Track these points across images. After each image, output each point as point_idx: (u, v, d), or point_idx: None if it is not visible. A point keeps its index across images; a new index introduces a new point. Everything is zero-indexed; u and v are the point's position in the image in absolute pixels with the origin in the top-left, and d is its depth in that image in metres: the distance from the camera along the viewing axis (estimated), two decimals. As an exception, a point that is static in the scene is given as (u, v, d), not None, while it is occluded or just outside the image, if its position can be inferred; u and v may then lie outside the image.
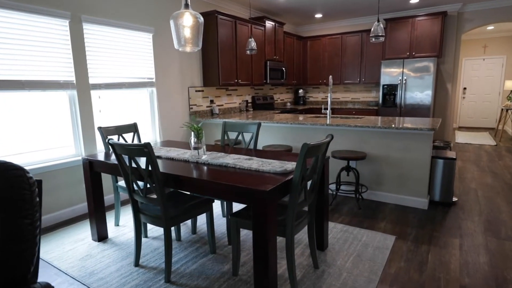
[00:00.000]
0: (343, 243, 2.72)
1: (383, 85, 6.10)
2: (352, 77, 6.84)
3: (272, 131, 4.37)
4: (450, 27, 6.05)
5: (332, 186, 4.03)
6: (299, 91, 7.65)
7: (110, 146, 2.28)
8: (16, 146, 3.07)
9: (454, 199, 3.66)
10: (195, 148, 2.56)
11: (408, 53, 6.09)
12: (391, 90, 6.04)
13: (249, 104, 6.23)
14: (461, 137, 7.92)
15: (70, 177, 3.45)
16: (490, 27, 8.18)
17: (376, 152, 3.67)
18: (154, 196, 3.01)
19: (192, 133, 2.54)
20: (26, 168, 3.10)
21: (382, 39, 3.58)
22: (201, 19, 2.51)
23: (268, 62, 5.97)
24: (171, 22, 2.43)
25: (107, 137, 3.12)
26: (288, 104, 7.56)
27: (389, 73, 6.00)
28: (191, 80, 4.87)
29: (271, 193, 1.76)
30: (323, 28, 7.48)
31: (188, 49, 2.53)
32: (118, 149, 2.18)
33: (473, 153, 6.16)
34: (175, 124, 4.67)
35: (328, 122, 3.77)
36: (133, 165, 2.31)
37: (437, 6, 6.03)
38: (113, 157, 2.71)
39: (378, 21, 3.55)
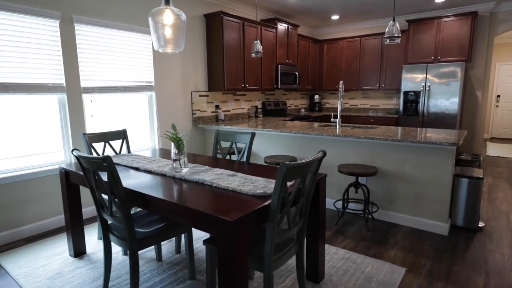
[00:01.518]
0: (343, 275, 2.35)
1: (404, 92, 5.62)
2: (371, 82, 6.39)
3: (276, 141, 4.04)
4: (481, 28, 5.50)
5: (339, 204, 3.64)
6: (315, 97, 7.27)
7: (76, 158, 2.05)
8: (2, 151, 2.93)
9: (481, 224, 3.17)
10: (175, 160, 2.28)
11: (432, 57, 5.59)
12: (412, 97, 5.55)
13: (259, 110, 5.93)
14: (492, 150, 7.23)
15: (59, 184, 3.28)
16: (528, 30, 7.45)
17: (389, 168, 3.26)
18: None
19: (172, 144, 2.27)
20: (11, 174, 2.95)
21: (398, 40, 3.18)
22: (184, 17, 2.24)
23: (279, 66, 5.65)
24: (150, 20, 2.17)
25: (91, 144, 2.92)
26: (303, 110, 7.19)
27: (411, 79, 5.52)
28: (194, 84, 4.64)
29: (238, 223, 1.44)
30: (340, 30, 7.08)
31: (169, 50, 2.27)
32: (82, 161, 1.94)
33: (506, 169, 5.54)
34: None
35: (335, 133, 3.40)
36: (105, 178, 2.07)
37: (467, 6, 5.50)
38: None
39: (394, 20, 3.15)
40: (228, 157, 4.04)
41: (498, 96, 8.88)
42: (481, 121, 5.73)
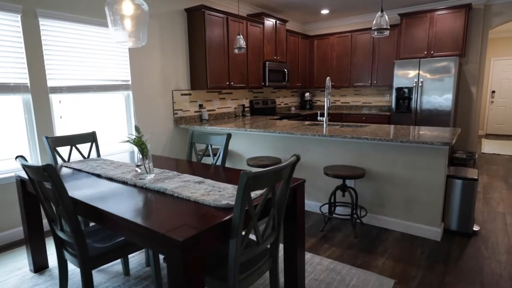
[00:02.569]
0: (325, 289, 2.14)
1: (396, 88, 5.42)
2: (363, 79, 6.19)
3: (261, 141, 3.83)
4: (475, 22, 5.31)
5: (326, 208, 3.44)
6: (306, 95, 7.05)
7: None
8: (-46, 158, 2.69)
9: (476, 228, 2.98)
10: (138, 166, 2.07)
11: (425, 52, 5.39)
12: (405, 94, 5.35)
13: (246, 109, 5.71)
14: (488, 147, 7.06)
15: (23, 192, 3.04)
16: (523, 23, 7.28)
17: (378, 169, 3.06)
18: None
19: (135, 148, 2.05)
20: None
21: (386, 33, 2.97)
22: (145, 7, 2.02)
23: (267, 63, 5.43)
24: (106, 10, 1.95)
25: (55, 148, 2.69)
26: (293, 108, 6.98)
27: (403, 75, 5.32)
28: (175, 83, 4.41)
29: (189, 243, 1.22)
30: (331, 26, 6.86)
31: (130, 44, 2.05)
32: (26, 170, 1.72)
33: (502, 166, 5.36)
34: (157, 132, 4.21)
35: (321, 132, 3.19)
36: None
37: (460, -2, 5.30)
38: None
39: (382, 11, 2.94)
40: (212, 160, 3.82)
41: (493, 91, 8.72)
42: (476, 117, 5.55)
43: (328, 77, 3.72)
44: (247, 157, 3.98)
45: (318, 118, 3.73)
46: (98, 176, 2.19)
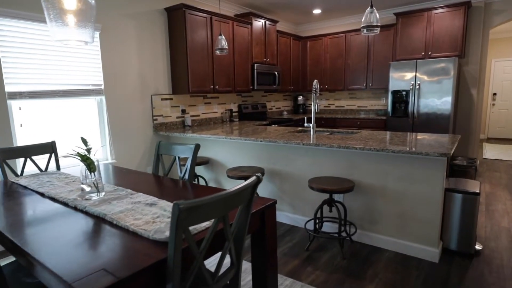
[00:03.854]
0: (304, 326, 1.84)
1: (393, 91, 5.13)
2: (358, 81, 5.90)
3: (244, 149, 3.54)
4: (475, 21, 5.02)
5: (311, 224, 3.13)
6: (299, 98, 6.77)
7: None
8: None
9: (478, 247, 2.68)
10: (83, 184, 1.78)
11: (423, 53, 5.11)
12: (401, 97, 5.06)
13: (234, 114, 5.42)
14: (490, 151, 6.76)
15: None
16: (525, 23, 7.00)
17: (369, 181, 2.76)
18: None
19: (81, 164, 1.76)
20: None
21: (377, 30, 2.69)
22: (93, 1, 1.74)
23: (255, 65, 5.15)
24: (43, 4, 1.66)
25: (4, 161, 2.40)
26: (285, 113, 6.70)
27: (400, 77, 5.03)
28: (155, 87, 4.13)
29: (100, 300, 0.93)
30: (324, 26, 6.59)
31: (73, 43, 1.77)
32: None
33: (505, 174, 5.06)
34: (134, 140, 3.93)
35: (306, 141, 2.90)
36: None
37: (459, -4, 5.03)
38: (-16, 193, 1.97)
39: (372, 6, 2.66)
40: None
41: (495, 94, 8.43)
42: (477, 121, 5.26)
43: (315, 80, 3.44)
44: (230, 167, 3.69)
45: (305, 124, 3.45)
46: (42, 194, 1.90)
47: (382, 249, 2.72)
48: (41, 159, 3.06)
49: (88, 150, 1.81)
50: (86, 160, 1.74)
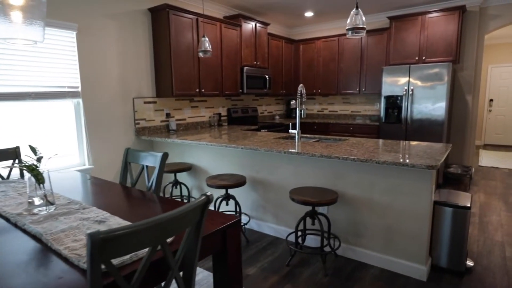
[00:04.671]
0: None
1: (385, 97, 4.98)
2: (351, 86, 5.76)
3: (227, 156, 3.38)
4: (470, 25, 4.89)
5: (292, 238, 2.96)
6: (291, 102, 6.62)
7: None
8: None
9: (469, 263, 2.51)
10: (32, 197, 1.61)
11: (417, 58, 4.97)
12: (395, 103, 4.92)
13: (223, 118, 5.27)
14: (486, 159, 6.61)
15: None
16: (522, 28, 6.88)
17: (354, 192, 2.60)
18: None
19: (27, 175, 1.59)
20: None
21: (363, 33, 2.54)
22: (43, -5, 1.59)
23: (245, 68, 5.00)
24: (-14, -2, 1.51)
25: (-40, 169, 2.23)
26: (277, 117, 6.54)
27: (393, 82, 4.89)
28: (137, 90, 3.97)
29: None
30: (317, 29, 6.46)
31: (19, 42, 1.61)
32: None
33: (500, 182, 4.91)
34: (114, 145, 3.76)
35: (287, 149, 2.74)
36: None
37: (453, 0, 4.90)
38: None
39: (357, 7, 2.51)
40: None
41: (491, 100, 8.30)
42: (472, 128, 5.11)
43: (301, 85, 3.29)
44: (212, 174, 3.53)
45: (290, 130, 3.29)
46: (-12, 208, 1.73)
47: (368, 265, 2.56)
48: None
49: (39, 159, 1.65)
50: (32, 171, 1.58)
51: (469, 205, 2.34)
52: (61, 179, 2.30)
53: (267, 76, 5.44)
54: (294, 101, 6.59)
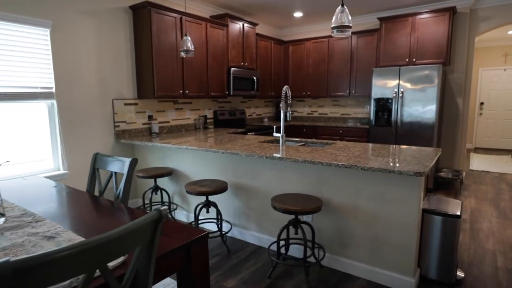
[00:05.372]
0: None
1: (375, 99, 4.88)
2: (341, 88, 5.65)
3: (210, 160, 3.23)
4: (460, 27, 4.82)
5: (275, 247, 2.82)
6: (280, 105, 6.47)
7: None
8: None
9: (460, 274, 2.40)
10: (-23, 210, 1.44)
11: (407, 60, 4.89)
12: (384, 105, 4.82)
13: (210, 120, 5.11)
14: (477, 162, 6.55)
15: None
16: (512, 31, 6.87)
17: (339, 199, 2.47)
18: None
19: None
20: None
21: (348, 32, 2.42)
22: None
23: (232, 69, 4.86)
24: None
25: None
26: (266, 120, 6.41)
27: (383, 85, 4.79)
28: (117, 91, 3.80)
29: None
30: (306, 30, 6.35)
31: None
32: None
33: (491, 187, 4.83)
34: (91, 149, 3.59)
35: (270, 153, 2.60)
36: None
37: (444, 1, 4.83)
38: None
39: (343, 5, 2.39)
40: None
41: (482, 103, 8.28)
42: (463, 131, 5.03)
43: (286, 86, 3.17)
44: (194, 179, 3.38)
45: (274, 134, 3.16)
46: None
47: (353, 277, 2.42)
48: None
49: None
50: (-22, 179, 1.41)
51: (459, 213, 2.22)
52: (23, 186, 2.12)
53: (255, 78, 5.31)
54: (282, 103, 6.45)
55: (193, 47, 3.46)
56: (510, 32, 6.95)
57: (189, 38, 3.45)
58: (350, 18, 2.40)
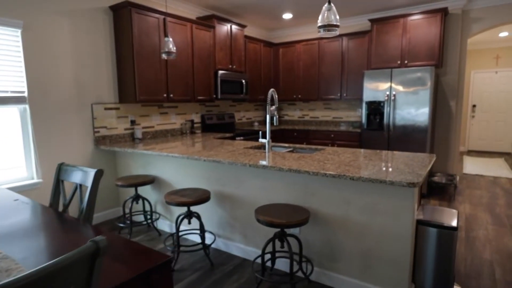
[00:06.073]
0: None
1: (367, 102, 4.75)
2: (332, 91, 5.52)
3: (193, 168, 3.05)
4: (452, 28, 4.72)
5: (260, 261, 2.64)
6: (271, 109, 6.32)
7: None
8: None
9: (456, 289, 2.25)
10: None
11: (399, 62, 4.77)
12: (376, 109, 4.69)
13: (197, 125, 4.94)
14: (470, 166, 6.46)
15: None
16: (504, 34, 6.82)
17: (328, 210, 2.31)
18: None
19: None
20: None
21: (336, 31, 2.27)
22: None
23: (219, 72, 4.70)
24: None
25: None
26: (256, 124, 6.26)
27: (374, 87, 4.66)
28: (97, 95, 3.61)
29: None
30: (297, 32, 6.22)
31: None
32: None
33: (486, 191, 4.72)
34: (68, 156, 3.39)
35: (252, 162, 2.43)
36: None
37: (435, 2, 4.73)
38: None
39: (330, 3, 2.25)
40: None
41: (474, 106, 8.22)
42: (457, 134, 4.92)
43: (272, 89, 3.02)
44: (176, 188, 3.20)
45: (260, 139, 3.00)
46: None
47: (344, 293, 2.26)
48: None
49: None
50: None
51: (455, 224, 2.07)
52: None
53: (243, 81, 5.15)
54: (274, 107, 6.30)
55: (175, 48, 3.29)
56: (501, 35, 6.91)
57: (170, 39, 3.28)
58: (337, 16, 2.26)
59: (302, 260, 2.33)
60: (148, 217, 3.48)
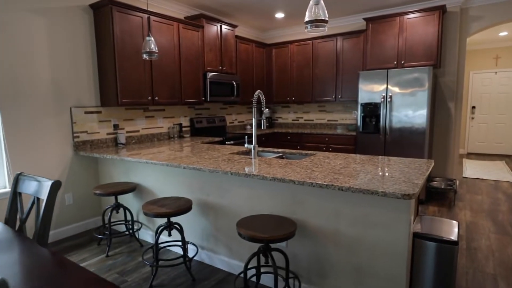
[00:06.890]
0: None
1: (362, 104, 4.56)
2: (327, 93, 5.34)
3: (176, 176, 2.85)
4: (451, 27, 4.55)
5: (250, 274, 2.45)
6: (265, 111, 6.14)
7: None
8: None
9: (458, 309, 2.05)
10: None
11: (395, 62, 4.59)
12: (372, 111, 4.50)
13: (186, 129, 4.74)
14: (470, 169, 6.27)
15: None
16: (503, 33, 6.66)
17: (317, 222, 2.12)
18: None
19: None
20: None
21: (324, 27, 2.09)
22: None
23: (208, 74, 4.52)
24: None
25: None
26: (249, 127, 6.07)
27: (370, 89, 4.48)
28: (76, 98, 3.42)
29: None
30: (290, 33, 6.05)
31: None
32: None
33: (487, 196, 4.53)
34: (44, 162, 3.19)
35: (235, 170, 2.24)
36: None
37: (432, 0, 4.56)
38: None
39: (317, -3, 2.07)
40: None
41: (473, 107, 8.05)
42: (456, 136, 4.73)
43: (258, 90, 2.84)
44: (157, 196, 3.00)
45: (245, 145, 2.81)
46: None
47: (335, 313, 2.06)
48: None
49: None
50: None
51: (456, 238, 1.88)
52: None
53: (234, 83, 4.97)
54: (267, 109, 6.12)
55: (156, 48, 3.11)
56: (501, 34, 6.74)
57: (152, 39, 3.10)
58: (326, 12, 2.07)
59: (289, 276, 2.13)
60: (130, 227, 3.28)
